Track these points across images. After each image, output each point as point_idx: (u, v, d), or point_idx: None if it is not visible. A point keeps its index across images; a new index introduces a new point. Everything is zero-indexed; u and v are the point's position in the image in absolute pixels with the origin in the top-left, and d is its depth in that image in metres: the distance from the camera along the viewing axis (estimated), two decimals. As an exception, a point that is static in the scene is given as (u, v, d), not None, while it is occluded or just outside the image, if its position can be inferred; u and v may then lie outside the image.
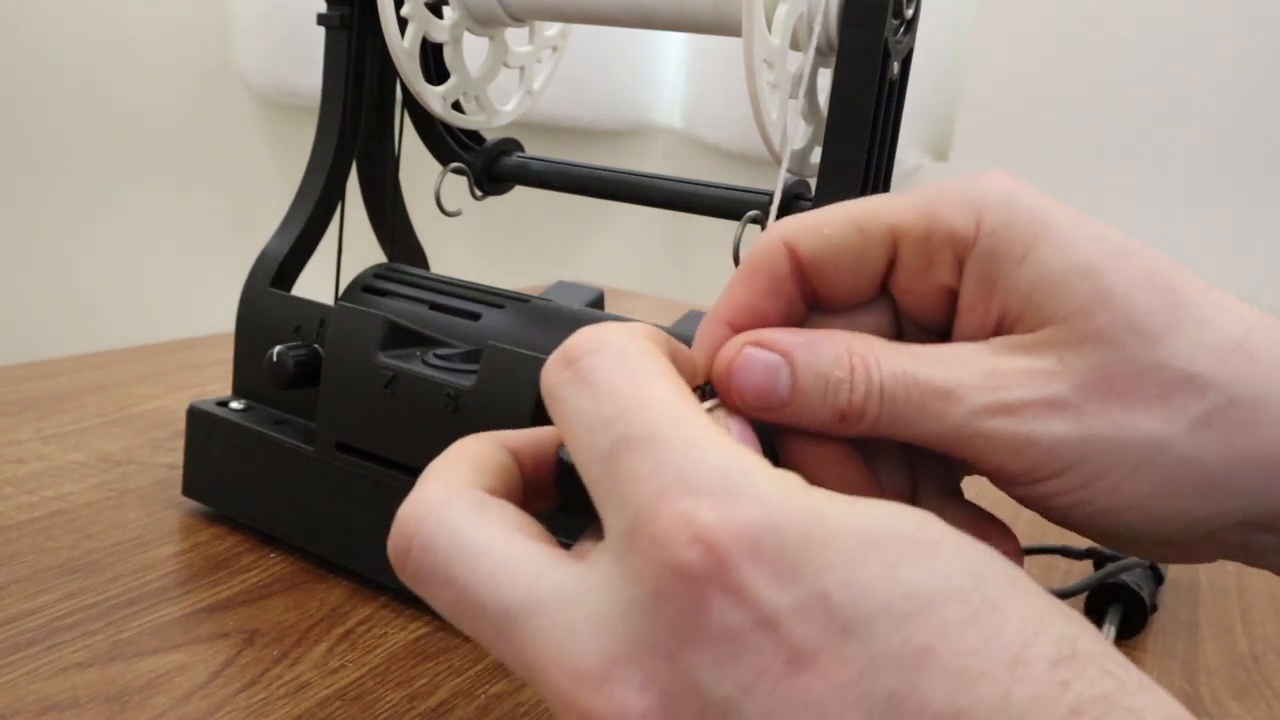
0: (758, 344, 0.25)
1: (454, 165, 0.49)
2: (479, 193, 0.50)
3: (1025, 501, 0.25)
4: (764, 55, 0.36)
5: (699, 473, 0.19)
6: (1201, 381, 0.24)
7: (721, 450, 0.19)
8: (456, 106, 0.48)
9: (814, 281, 0.26)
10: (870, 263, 0.26)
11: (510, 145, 0.50)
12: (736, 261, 0.40)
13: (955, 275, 0.25)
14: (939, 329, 0.27)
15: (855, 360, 0.24)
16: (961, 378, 0.24)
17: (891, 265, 0.26)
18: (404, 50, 0.45)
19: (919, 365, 0.24)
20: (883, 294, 0.27)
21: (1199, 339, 0.24)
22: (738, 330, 0.26)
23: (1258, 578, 0.53)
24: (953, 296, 0.26)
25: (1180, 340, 0.24)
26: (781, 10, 0.37)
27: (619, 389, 0.21)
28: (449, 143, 0.50)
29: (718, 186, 0.44)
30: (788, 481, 0.19)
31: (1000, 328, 0.25)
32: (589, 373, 0.22)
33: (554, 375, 0.23)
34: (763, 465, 0.20)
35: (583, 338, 0.22)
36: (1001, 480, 0.25)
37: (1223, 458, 0.24)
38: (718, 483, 0.19)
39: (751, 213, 0.41)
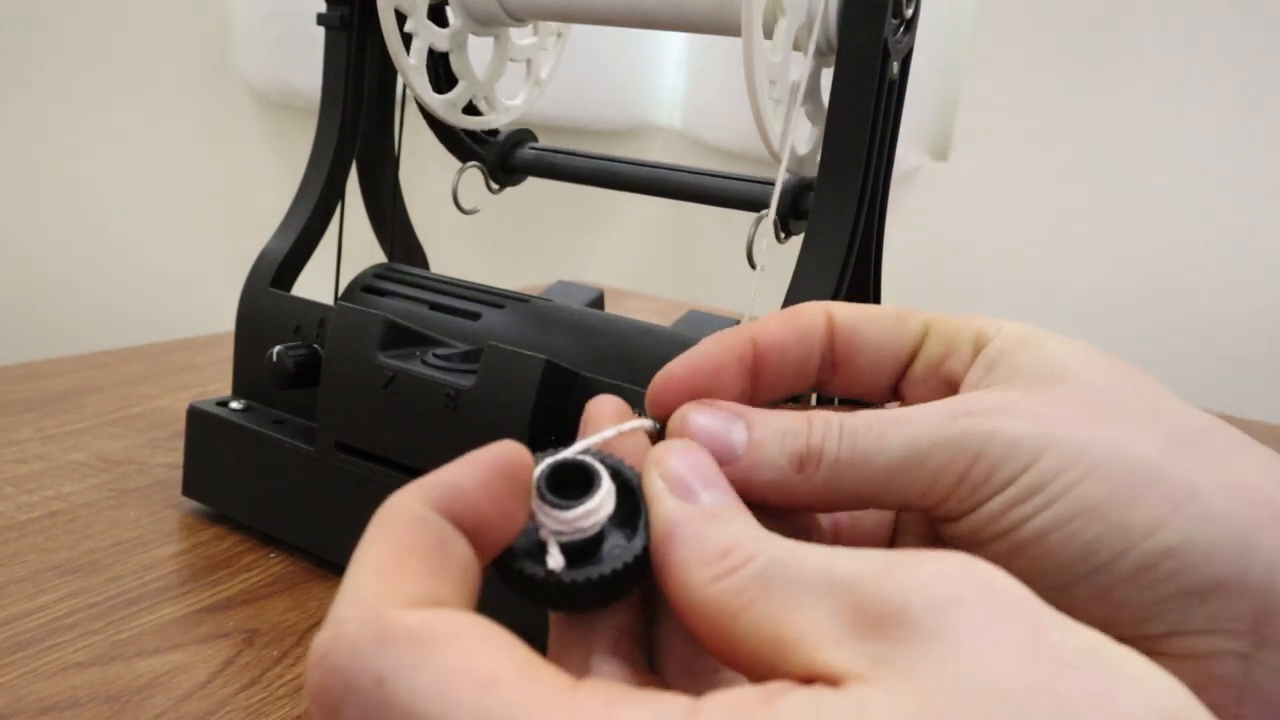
0: (714, 405, 0.24)
1: (471, 164, 0.49)
2: (495, 186, 0.50)
3: (970, 539, 0.23)
4: (768, 75, 0.36)
5: None
6: (1170, 414, 0.23)
7: None
8: (468, 107, 0.48)
9: (838, 352, 0.26)
10: (898, 347, 0.26)
11: (524, 136, 0.50)
12: (750, 260, 0.40)
13: (966, 367, 0.26)
14: None
15: (813, 414, 0.24)
16: (922, 406, 0.24)
17: (912, 358, 0.26)
18: (411, 67, 0.45)
19: (879, 411, 0.24)
20: None
21: (1179, 408, 0.24)
22: (757, 350, 0.25)
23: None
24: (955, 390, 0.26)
25: (1151, 392, 0.24)
26: (782, 25, 0.37)
27: None
28: (464, 139, 0.50)
29: (739, 179, 0.44)
30: None
31: None
32: None
33: None
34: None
35: (321, 673, 0.16)
36: (951, 504, 0.23)
37: (1192, 473, 0.22)
38: None
39: (764, 212, 0.41)
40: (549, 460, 0.21)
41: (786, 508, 0.23)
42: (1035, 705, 0.14)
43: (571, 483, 0.20)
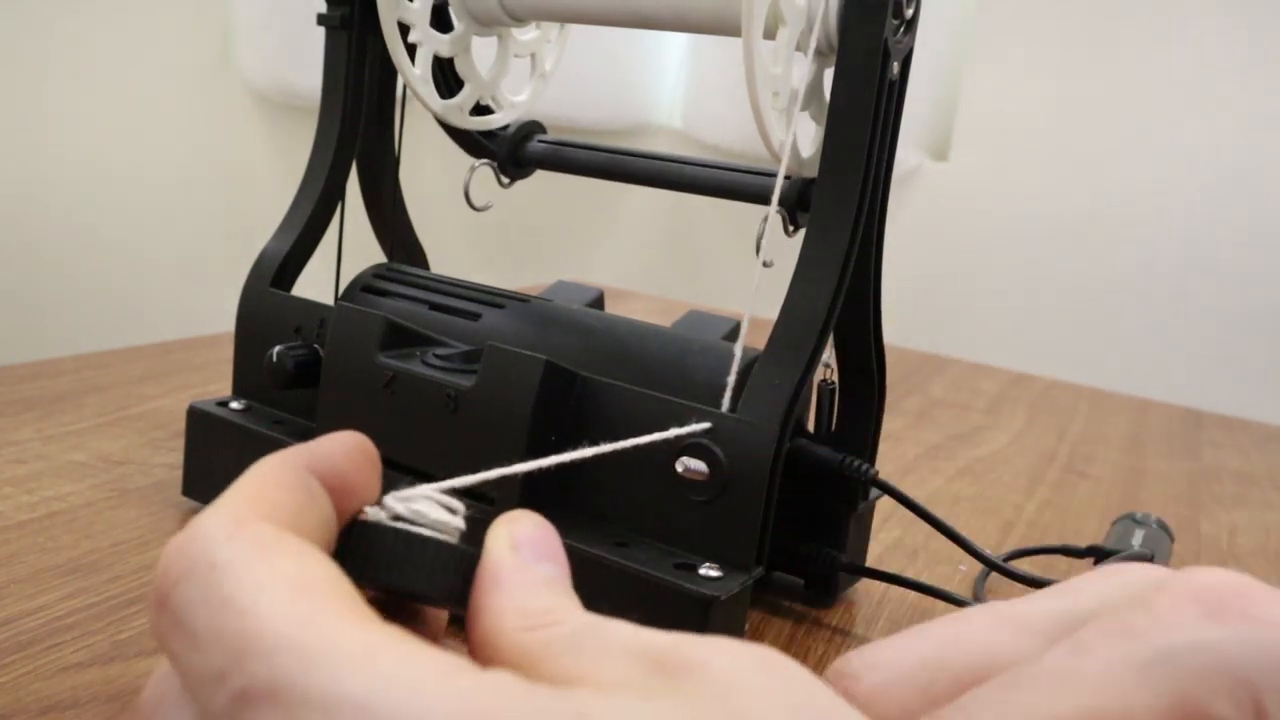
0: None
1: (483, 161, 0.49)
2: (505, 180, 0.50)
3: None
4: (770, 87, 0.36)
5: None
6: None
7: (371, 669, 0.15)
8: (476, 107, 0.48)
9: None
10: None
11: (532, 128, 0.50)
12: (759, 254, 0.40)
13: None
14: None
15: None
16: None
17: None
18: (417, 76, 0.45)
19: None
20: None
21: None
22: None
23: (1258, 575, 0.53)
24: None
25: None
26: (783, 34, 0.37)
27: (221, 627, 0.16)
28: (475, 136, 0.50)
29: (757, 172, 0.44)
30: (474, 689, 0.15)
31: None
32: (183, 613, 0.17)
33: (155, 623, 0.17)
34: (437, 670, 0.15)
35: (168, 560, 0.17)
36: None
37: None
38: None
39: (772, 207, 0.41)
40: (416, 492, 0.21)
41: None
42: None
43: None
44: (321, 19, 0.47)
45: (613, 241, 1.39)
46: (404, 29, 0.44)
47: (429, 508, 0.21)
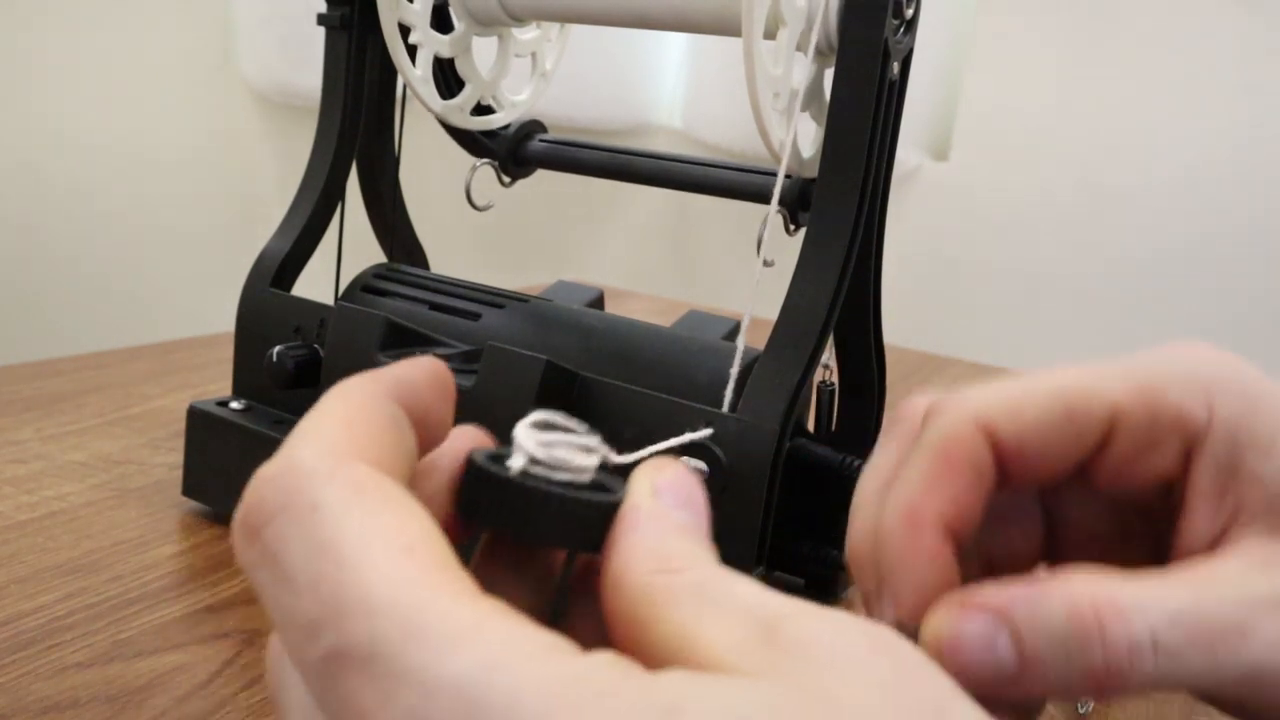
0: (964, 607, 0.21)
1: (484, 161, 0.49)
2: (506, 180, 0.50)
3: None
4: (771, 88, 0.37)
5: (442, 702, 0.14)
6: None
7: (471, 649, 0.15)
8: (477, 108, 0.48)
9: (1008, 466, 0.23)
10: (1078, 448, 0.23)
11: (533, 127, 0.50)
12: (760, 253, 0.40)
13: (1179, 463, 0.23)
14: (1145, 521, 0.25)
15: (1103, 608, 0.20)
16: (1248, 607, 0.20)
17: (1100, 448, 0.23)
18: (418, 77, 0.45)
19: (1194, 599, 0.20)
20: (1031, 501, 0.25)
21: None
22: (953, 531, 0.23)
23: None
24: (1167, 486, 0.24)
25: None
26: (783, 34, 0.37)
27: (319, 575, 0.16)
28: (476, 136, 0.50)
29: (757, 171, 0.44)
30: (570, 676, 0.14)
31: (1237, 521, 0.23)
32: (278, 550, 0.16)
33: (243, 552, 0.17)
34: (534, 653, 0.15)
35: (263, 492, 0.17)
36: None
37: None
38: (466, 710, 0.14)
39: (772, 207, 0.41)
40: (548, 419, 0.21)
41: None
42: None
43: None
44: (321, 19, 0.47)
45: (613, 241, 1.39)
46: (404, 30, 0.44)
47: (569, 453, 0.19)
